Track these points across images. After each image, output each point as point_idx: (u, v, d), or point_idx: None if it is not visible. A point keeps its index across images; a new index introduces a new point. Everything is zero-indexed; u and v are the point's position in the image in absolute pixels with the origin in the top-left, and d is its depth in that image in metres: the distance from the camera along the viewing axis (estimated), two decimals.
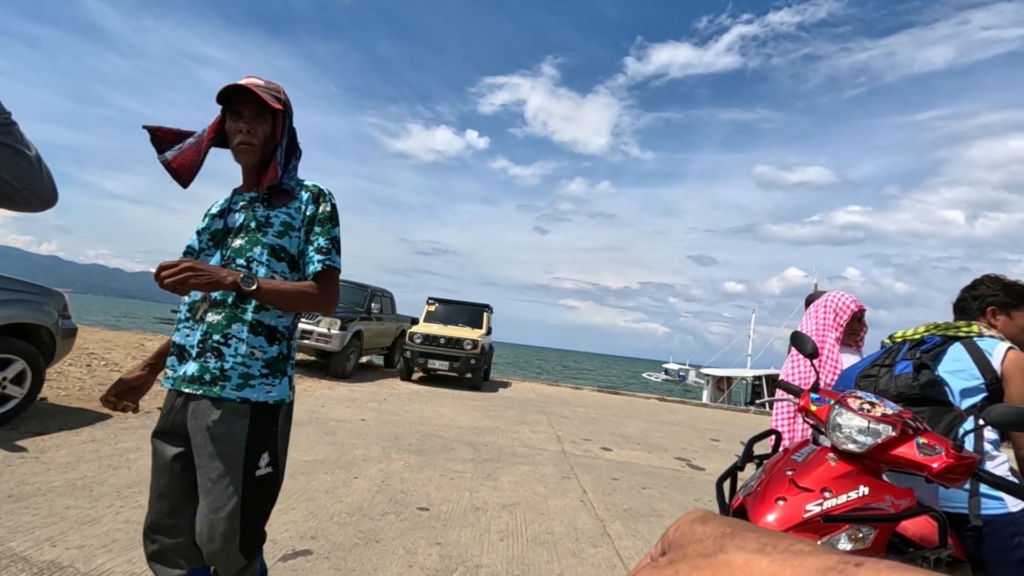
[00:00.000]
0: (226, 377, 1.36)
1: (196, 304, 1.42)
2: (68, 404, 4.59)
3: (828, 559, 0.26)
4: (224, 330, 1.38)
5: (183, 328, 1.43)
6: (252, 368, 1.39)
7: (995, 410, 1.31)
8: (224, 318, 1.38)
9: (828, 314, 2.53)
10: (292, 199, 1.49)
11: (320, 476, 3.66)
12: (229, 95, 1.41)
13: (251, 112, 1.41)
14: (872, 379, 1.77)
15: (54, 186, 1.12)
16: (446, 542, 2.83)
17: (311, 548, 2.56)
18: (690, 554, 0.27)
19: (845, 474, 1.35)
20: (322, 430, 5.01)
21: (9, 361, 3.75)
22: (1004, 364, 1.61)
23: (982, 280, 1.88)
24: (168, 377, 1.43)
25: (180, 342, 1.42)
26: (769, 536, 0.26)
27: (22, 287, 3.89)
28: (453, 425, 6.12)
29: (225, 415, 1.35)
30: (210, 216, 1.53)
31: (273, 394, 1.41)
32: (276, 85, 1.49)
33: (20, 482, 2.88)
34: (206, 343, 1.37)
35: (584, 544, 3.04)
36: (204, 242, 1.50)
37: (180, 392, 1.40)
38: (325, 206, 1.50)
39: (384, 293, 11.16)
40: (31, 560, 2.12)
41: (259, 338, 1.41)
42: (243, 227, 1.45)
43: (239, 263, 1.41)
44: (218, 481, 1.33)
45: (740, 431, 8.72)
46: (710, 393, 24.82)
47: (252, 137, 1.42)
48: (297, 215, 1.48)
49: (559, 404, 9.36)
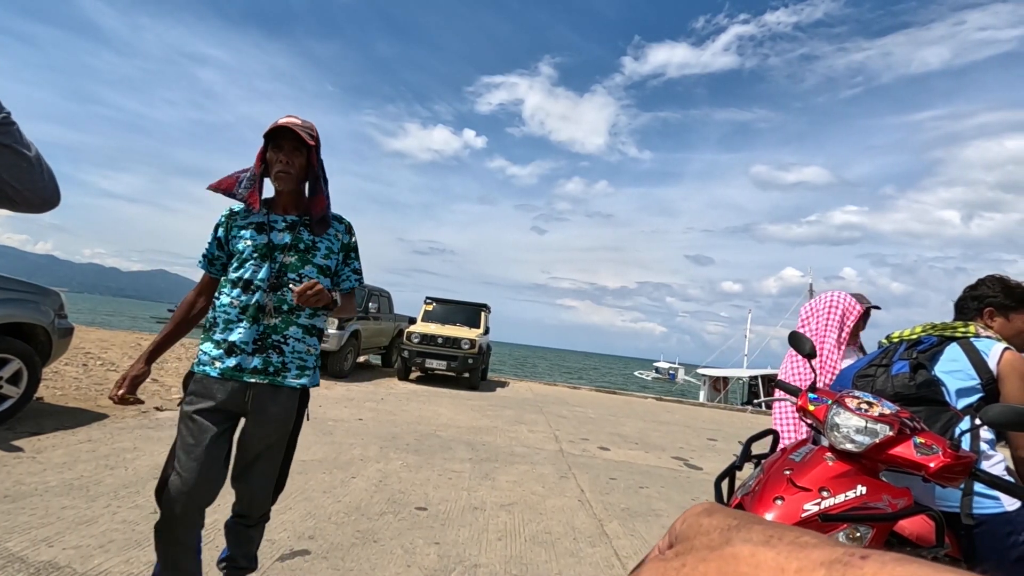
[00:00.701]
0: (287, 369, 1.72)
1: (250, 308, 1.69)
2: (64, 404, 4.57)
3: (833, 551, 0.26)
4: (283, 332, 1.72)
5: (230, 327, 1.69)
6: (308, 361, 1.78)
7: (992, 410, 1.32)
8: (283, 322, 1.72)
9: (834, 314, 2.54)
10: (330, 227, 1.84)
11: (318, 476, 3.66)
12: (273, 133, 1.71)
13: (289, 146, 1.71)
14: (869, 379, 1.77)
15: (56, 186, 1.11)
16: (444, 542, 2.83)
17: (309, 548, 2.56)
18: (696, 546, 0.27)
19: (843, 474, 1.35)
20: (320, 430, 5.00)
21: (5, 361, 3.73)
22: (1000, 364, 1.61)
23: (984, 280, 1.88)
24: (215, 367, 1.68)
25: (229, 339, 1.68)
26: (775, 528, 0.26)
27: (18, 286, 3.88)
28: (451, 425, 6.12)
29: (284, 399, 1.73)
30: (242, 228, 1.77)
31: (314, 381, 1.82)
32: (310, 124, 1.79)
33: (16, 482, 2.86)
34: (265, 341, 1.70)
35: (582, 543, 3.05)
36: (247, 251, 1.73)
37: (235, 380, 1.67)
38: (355, 237, 1.93)
39: (382, 293, 11.14)
40: (28, 560, 2.11)
41: (312, 338, 1.80)
42: (292, 246, 1.76)
43: (291, 276, 1.73)
44: (271, 450, 1.74)
45: (737, 431, 8.75)
46: (707, 393, 24.86)
47: (290, 167, 1.72)
48: (336, 242, 1.85)
49: (557, 404, 9.37)
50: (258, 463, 1.75)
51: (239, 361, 1.67)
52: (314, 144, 1.74)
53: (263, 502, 1.80)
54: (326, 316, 1.85)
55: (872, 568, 0.26)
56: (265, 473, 1.76)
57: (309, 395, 1.82)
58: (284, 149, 1.70)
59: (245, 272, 1.71)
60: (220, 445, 1.67)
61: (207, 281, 1.84)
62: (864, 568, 0.26)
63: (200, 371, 1.69)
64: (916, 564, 0.26)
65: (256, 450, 1.73)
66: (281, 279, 1.72)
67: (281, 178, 1.72)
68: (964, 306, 1.91)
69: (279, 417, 1.72)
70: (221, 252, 1.80)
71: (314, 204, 1.79)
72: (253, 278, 1.71)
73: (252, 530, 1.84)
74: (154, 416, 4.69)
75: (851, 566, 0.26)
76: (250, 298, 1.70)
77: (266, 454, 1.75)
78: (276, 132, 1.70)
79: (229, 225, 1.79)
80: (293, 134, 1.69)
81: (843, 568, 0.26)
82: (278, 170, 1.71)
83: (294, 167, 1.72)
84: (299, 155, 1.72)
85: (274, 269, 1.72)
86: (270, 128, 1.71)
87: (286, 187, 1.75)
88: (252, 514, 1.81)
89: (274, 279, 1.71)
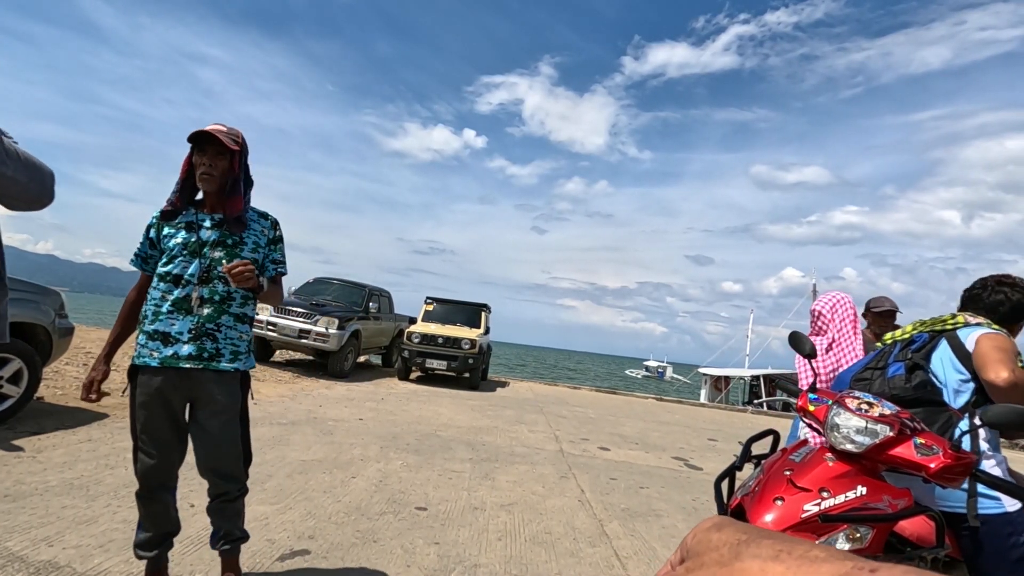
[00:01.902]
0: (220, 355, 1.89)
1: (183, 301, 1.85)
2: (65, 403, 4.58)
3: (843, 565, 0.26)
4: (216, 320, 1.88)
5: (165, 319, 1.84)
6: (240, 347, 1.95)
7: (992, 410, 1.31)
8: (214, 311, 1.88)
9: (848, 313, 2.61)
10: (252, 224, 2.00)
11: (318, 476, 3.66)
12: (197, 138, 1.85)
13: (213, 151, 1.86)
14: (866, 382, 1.76)
15: (43, 185, 1.11)
16: (444, 542, 2.83)
17: (309, 548, 2.56)
18: (707, 562, 0.28)
19: (843, 474, 1.35)
20: (320, 430, 5.00)
21: (6, 360, 3.73)
22: (974, 350, 1.60)
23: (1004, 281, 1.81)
24: (154, 357, 1.83)
25: (164, 330, 1.84)
26: (784, 543, 0.27)
27: (18, 286, 3.87)
28: (451, 425, 6.11)
29: (225, 381, 1.90)
30: (172, 227, 1.92)
31: (250, 364, 2.01)
32: (237, 131, 1.95)
33: (16, 481, 2.87)
34: (199, 330, 1.85)
35: (582, 544, 3.04)
36: (176, 248, 1.87)
37: (173, 368, 1.83)
38: (279, 231, 2.10)
39: (382, 292, 11.13)
40: (28, 560, 2.11)
41: (244, 325, 1.99)
42: (219, 243, 1.91)
43: (219, 271, 1.88)
44: (226, 426, 1.92)
45: (738, 431, 8.74)
46: (708, 392, 24.84)
47: (212, 169, 1.86)
48: (263, 237, 2.03)
49: (557, 404, 9.37)
50: (218, 444, 1.92)
51: (175, 350, 1.84)
52: (238, 149, 1.89)
53: (236, 475, 1.98)
54: (255, 305, 2.04)
55: None
56: (227, 452, 1.94)
57: (250, 378, 2.04)
58: (207, 153, 1.85)
59: (175, 268, 1.87)
60: (174, 423, 1.89)
61: (144, 279, 1.99)
62: None
63: (141, 362, 1.86)
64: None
65: (211, 431, 1.90)
66: (210, 273, 1.88)
67: (204, 179, 1.87)
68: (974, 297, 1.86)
69: (219, 398, 1.89)
70: (154, 251, 1.95)
71: (230, 205, 1.92)
72: (183, 273, 1.87)
73: (236, 503, 2.02)
74: None
75: None
76: (182, 291, 1.86)
77: (221, 433, 1.91)
78: (200, 137, 1.85)
79: (160, 225, 1.93)
80: (215, 139, 1.83)
81: None
82: (201, 172, 1.86)
83: (217, 169, 1.86)
84: (222, 159, 1.87)
85: (203, 264, 1.88)
86: (193, 134, 1.86)
87: (209, 188, 1.90)
88: (230, 489, 1.99)
89: (203, 273, 1.87)
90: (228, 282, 1.85)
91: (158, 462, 1.87)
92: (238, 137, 1.93)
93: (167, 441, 1.89)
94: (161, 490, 1.92)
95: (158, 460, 1.87)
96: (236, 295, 1.92)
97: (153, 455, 1.87)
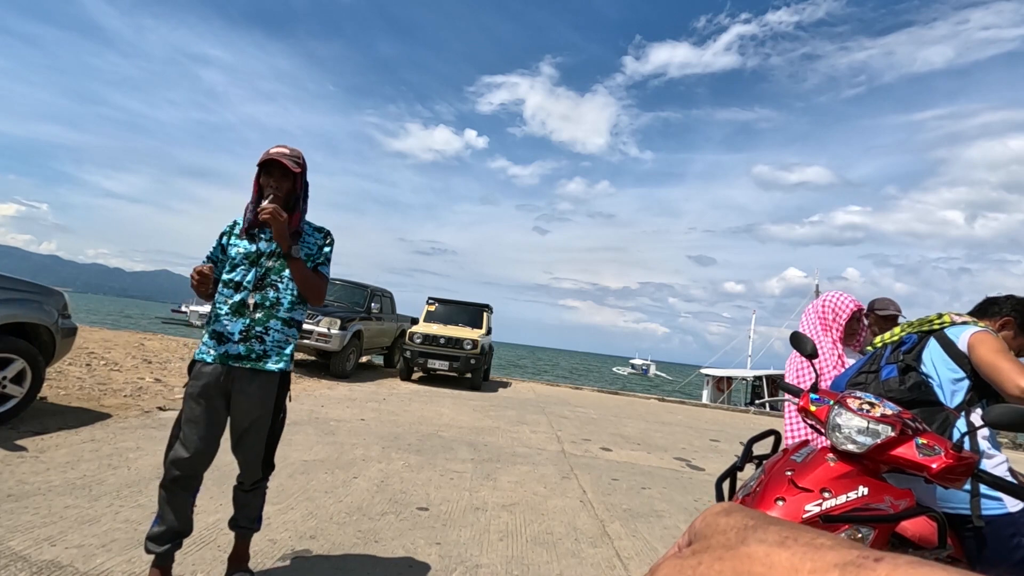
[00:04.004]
0: (267, 356, 2.06)
1: (239, 305, 2.04)
2: (68, 403, 4.59)
3: (848, 553, 0.26)
4: (265, 324, 2.06)
5: (223, 321, 2.03)
6: (285, 349, 2.11)
7: (994, 410, 1.31)
8: (264, 315, 2.06)
9: (827, 313, 2.51)
10: (307, 236, 2.20)
11: (320, 476, 3.66)
12: (266, 163, 2.06)
13: (279, 173, 2.07)
14: (860, 386, 1.75)
15: None
16: (445, 542, 2.83)
17: (310, 548, 2.56)
18: (713, 545, 0.28)
19: (844, 474, 1.35)
20: (322, 430, 5.01)
21: (9, 360, 3.74)
22: (969, 348, 1.61)
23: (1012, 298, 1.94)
24: (210, 354, 2.02)
25: (220, 330, 2.03)
26: (791, 529, 0.27)
27: (22, 286, 3.89)
28: (453, 425, 6.12)
29: (264, 381, 2.05)
30: (237, 237, 2.14)
31: (290, 365, 2.14)
32: (298, 152, 2.14)
33: (19, 481, 2.88)
34: (250, 332, 2.03)
35: (584, 544, 3.04)
36: (238, 258, 2.09)
37: (224, 364, 2.01)
38: (329, 245, 2.26)
39: (384, 293, 11.15)
40: (30, 559, 2.12)
41: (292, 329, 2.14)
42: (275, 253, 2.11)
43: (272, 278, 2.09)
44: (258, 424, 2.06)
45: (740, 431, 8.73)
46: (710, 393, 24.81)
47: (278, 190, 2.06)
48: (315, 248, 2.22)
49: (559, 404, 9.36)
50: (246, 435, 2.07)
51: (227, 348, 2.02)
52: (300, 171, 2.11)
53: (254, 470, 2.13)
54: (304, 310, 2.21)
55: (885, 570, 0.26)
56: (252, 445, 2.08)
57: (289, 378, 2.16)
58: (274, 175, 2.07)
59: (236, 275, 2.08)
60: (215, 420, 2.03)
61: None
62: (878, 570, 0.26)
63: (199, 357, 2.05)
64: (929, 567, 0.27)
65: (243, 424, 2.05)
66: (264, 280, 2.08)
67: (271, 200, 2.08)
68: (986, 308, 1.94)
69: (258, 396, 2.04)
70: (223, 256, 2.16)
71: (289, 219, 2.10)
72: (242, 280, 2.07)
73: (248, 495, 2.17)
74: (157, 416, 4.71)
75: (865, 568, 0.26)
76: (239, 296, 2.05)
77: (252, 428, 2.06)
78: (268, 162, 2.07)
79: (230, 234, 2.17)
80: (281, 163, 2.05)
81: (856, 570, 0.26)
82: (268, 194, 2.06)
83: (282, 191, 2.08)
84: (287, 180, 2.09)
85: (259, 273, 2.08)
86: (262, 159, 2.08)
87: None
88: (245, 481, 2.15)
89: (258, 280, 2.07)
90: (278, 288, 2.08)
91: (191, 455, 1.97)
92: (299, 158, 2.14)
93: (203, 436, 1.99)
94: (184, 486, 2.01)
95: (192, 453, 1.97)
96: (284, 300, 2.09)
97: (188, 447, 1.97)
